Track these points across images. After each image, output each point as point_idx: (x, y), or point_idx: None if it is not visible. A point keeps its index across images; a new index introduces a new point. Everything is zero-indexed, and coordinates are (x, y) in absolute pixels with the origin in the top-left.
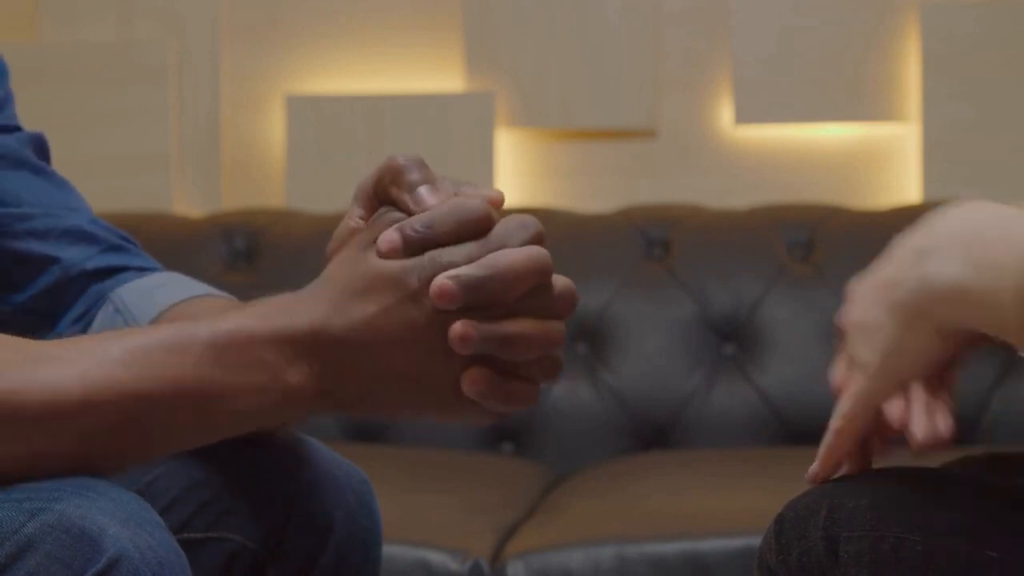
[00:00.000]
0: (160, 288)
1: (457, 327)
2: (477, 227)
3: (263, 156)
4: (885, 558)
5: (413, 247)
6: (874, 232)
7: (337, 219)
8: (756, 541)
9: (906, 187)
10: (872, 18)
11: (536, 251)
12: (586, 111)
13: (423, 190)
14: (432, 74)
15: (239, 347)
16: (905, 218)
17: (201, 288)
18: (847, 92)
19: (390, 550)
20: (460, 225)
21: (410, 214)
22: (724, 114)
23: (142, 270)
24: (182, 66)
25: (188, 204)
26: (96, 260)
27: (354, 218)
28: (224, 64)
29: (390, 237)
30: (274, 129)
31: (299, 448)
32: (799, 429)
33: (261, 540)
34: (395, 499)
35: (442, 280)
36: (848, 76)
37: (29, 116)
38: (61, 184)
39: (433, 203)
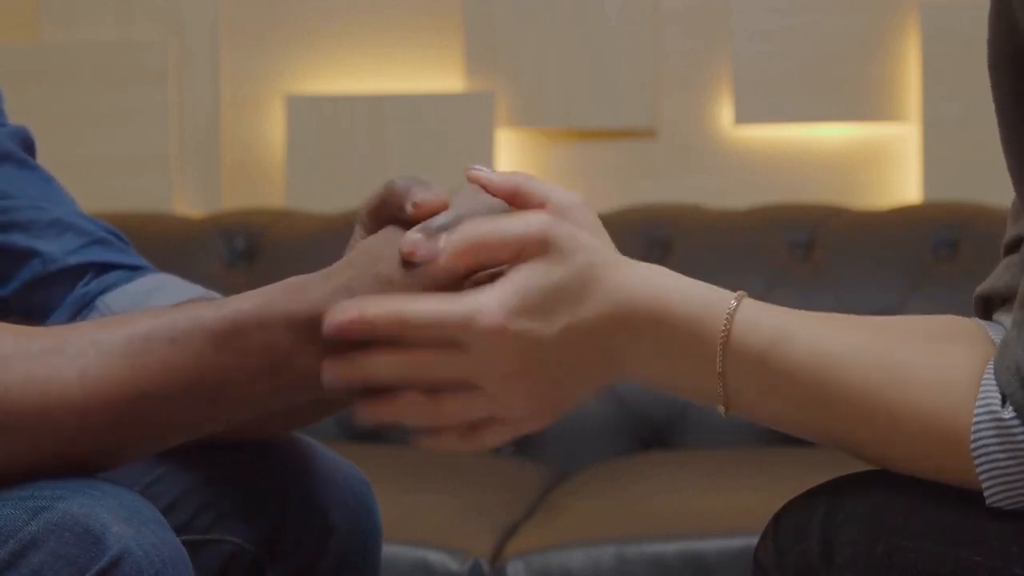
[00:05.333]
0: (155, 292)
1: (406, 239)
2: None
3: (263, 156)
4: (879, 563)
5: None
6: (874, 232)
7: (337, 219)
8: (756, 541)
9: (906, 187)
10: (872, 18)
11: None
12: (586, 111)
13: (417, 191)
14: (432, 74)
15: (245, 332)
16: (905, 218)
17: (197, 290)
18: (847, 92)
19: (390, 550)
20: None
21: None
22: (724, 114)
23: (127, 269)
24: (182, 66)
25: (188, 204)
26: (78, 255)
27: (359, 236)
28: (224, 64)
29: (414, 238)
30: (274, 129)
31: (298, 449)
32: None
33: (260, 542)
34: (395, 499)
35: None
36: (848, 76)
37: (29, 116)
38: (46, 178)
39: (431, 198)
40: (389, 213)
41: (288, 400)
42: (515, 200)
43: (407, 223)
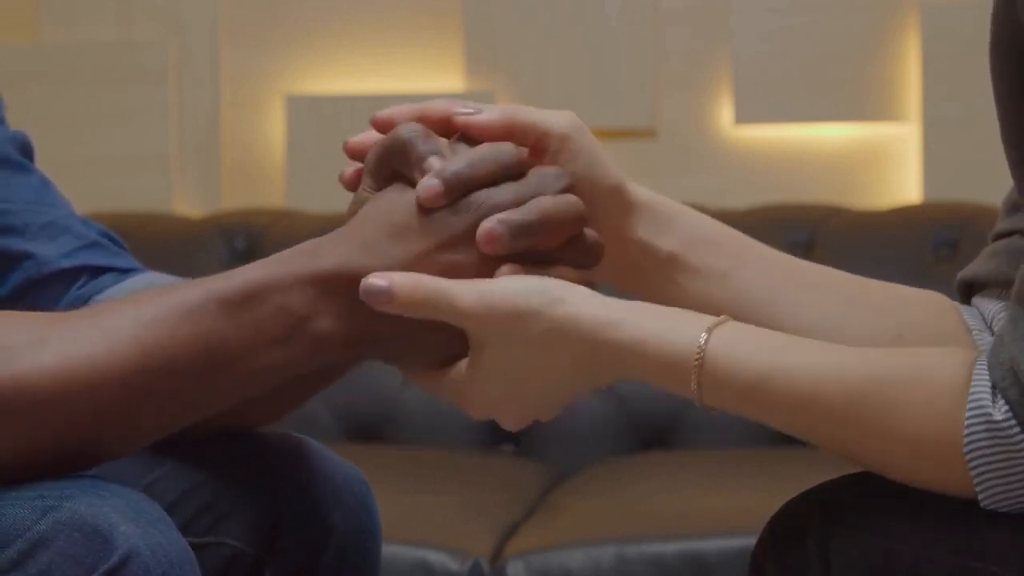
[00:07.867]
0: (152, 287)
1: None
2: (515, 170)
3: (263, 156)
4: (876, 568)
5: (455, 193)
6: (874, 232)
7: (337, 219)
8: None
9: (906, 187)
10: (872, 18)
11: (574, 199)
12: (586, 111)
13: (433, 160)
14: (432, 74)
15: (257, 297)
16: (905, 218)
17: None
18: (847, 92)
19: (390, 550)
20: (500, 167)
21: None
22: (724, 114)
23: (121, 271)
24: (182, 66)
25: (188, 204)
26: (73, 258)
27: (366, 190)
28: (224, 64)
29: (430, 184)
30: (274, 129)
31: (298, 450)
32: None
33: (260, 543)
34: (395, 499)
35: (491, 225)
36: (848, 76)
37: (29, 116)
38: (42, 182)
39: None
40: (393, 165)
41: (303, 367)
42: (512, 136)
43: (411, 180)
